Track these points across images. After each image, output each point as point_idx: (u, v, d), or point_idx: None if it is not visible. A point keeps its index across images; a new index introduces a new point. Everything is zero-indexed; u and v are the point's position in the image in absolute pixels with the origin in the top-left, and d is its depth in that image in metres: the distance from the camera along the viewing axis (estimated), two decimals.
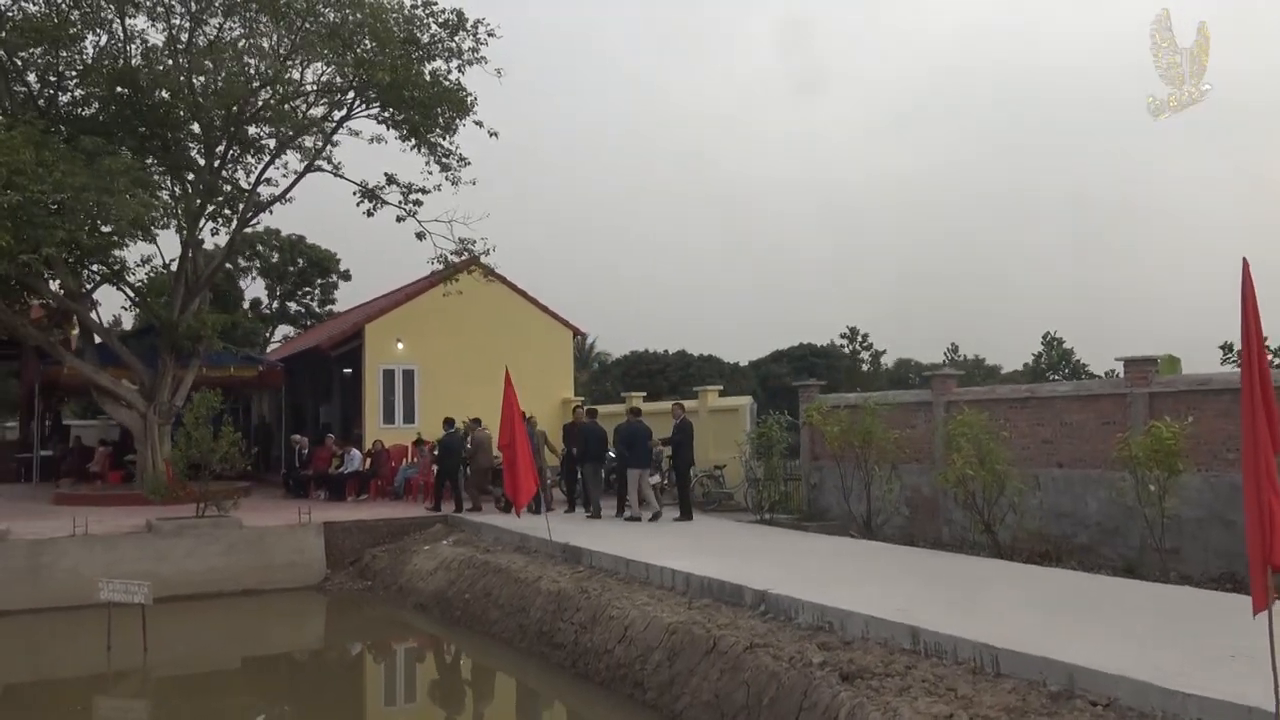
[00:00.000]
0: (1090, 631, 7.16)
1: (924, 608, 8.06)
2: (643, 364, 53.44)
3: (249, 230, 39.88)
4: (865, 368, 57.01)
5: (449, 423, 17.63)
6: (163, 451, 19.51)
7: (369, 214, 20.27)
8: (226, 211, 21.46)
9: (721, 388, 20.59)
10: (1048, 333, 29.34)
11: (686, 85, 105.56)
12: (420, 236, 20.21)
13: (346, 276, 41.60)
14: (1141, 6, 13.04)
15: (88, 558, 13.86)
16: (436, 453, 17.97)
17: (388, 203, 20.06)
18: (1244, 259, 5.11)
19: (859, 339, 56.97)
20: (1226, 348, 12.76)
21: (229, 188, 21.74)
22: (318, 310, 40.82)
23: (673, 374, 50.30)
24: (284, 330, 41.12)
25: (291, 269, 40.48)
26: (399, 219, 20.23)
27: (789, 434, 15.32)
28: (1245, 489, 5.08)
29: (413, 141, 19.98)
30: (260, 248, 40.16)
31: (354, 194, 20.15)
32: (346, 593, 14.98)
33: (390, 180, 20.06)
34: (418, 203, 19.98)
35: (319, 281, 41.04)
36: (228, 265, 39.89)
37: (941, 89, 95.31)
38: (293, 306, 40.63)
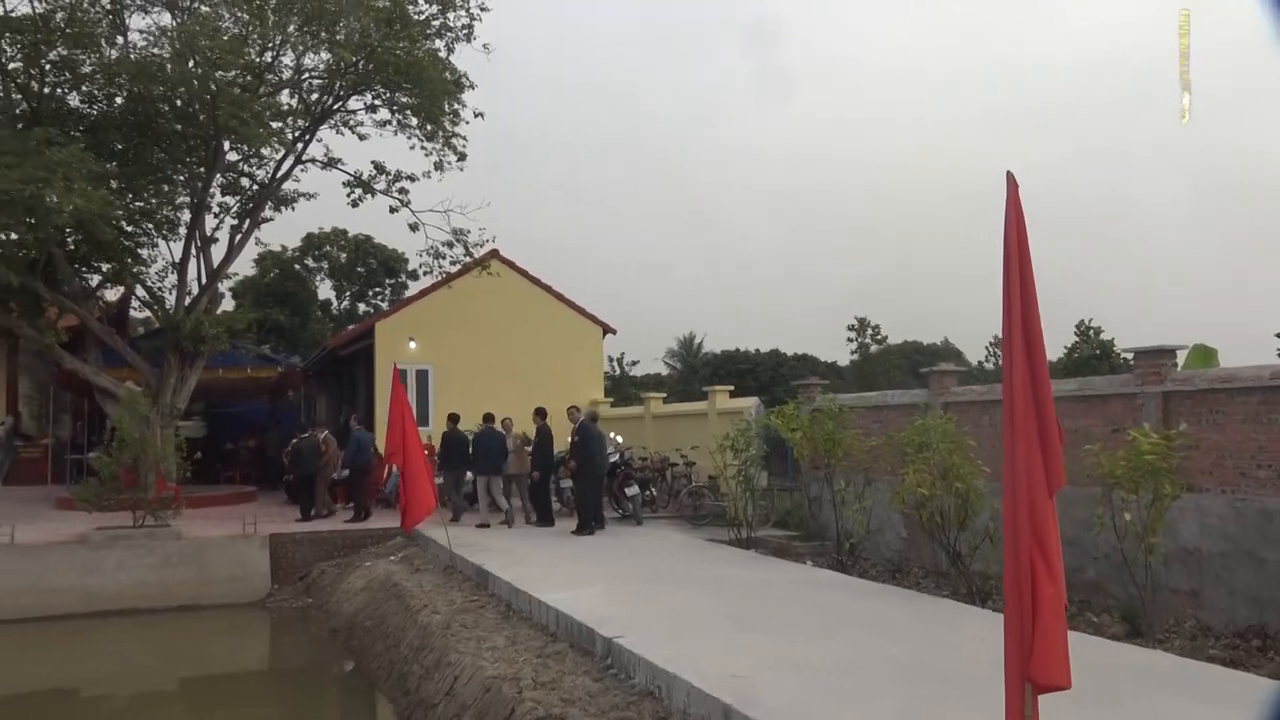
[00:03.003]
0: None
1: (771, 674, 6.18)
2: (733, 363, 51.34)
3: (316, 231, 40.31)
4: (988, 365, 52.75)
5: (303, 427, 17.89)
6: (166, 455, 18.99)
7: (354, 204, 19.16)
8: (250, 206, 20.85)
9: (732, 388, 18.55)
10: (1082, 321, 25.53)
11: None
12: (414, 228, 19.03)
13: (415, 276, 40.65)
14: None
15: (8, 569, 13.16)
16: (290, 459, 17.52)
17: (376, 190, 18.88)
18: (1009, 173, 3.10)
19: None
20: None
21: (247, 182, 21.12)
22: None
23: (763, 373, 48.01)
24: None
25: (360, 270, 40.10)
26: (392, 210, 19.08)
27: (759, 440, 13.30)
28: (1004, 555, 3.09)
29: (425, 128, 18.81)
30: (329, 248, 39.99)
31: (344, 185, 19.10)
32: (287, 611, 13.82)
33: (380, 170, 18.90)
34: (404, 190, 18.78)
35: (389, 282, 40.52)
36: (296, 266, 40.31)
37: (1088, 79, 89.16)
38: (362, 307, 40.31)
